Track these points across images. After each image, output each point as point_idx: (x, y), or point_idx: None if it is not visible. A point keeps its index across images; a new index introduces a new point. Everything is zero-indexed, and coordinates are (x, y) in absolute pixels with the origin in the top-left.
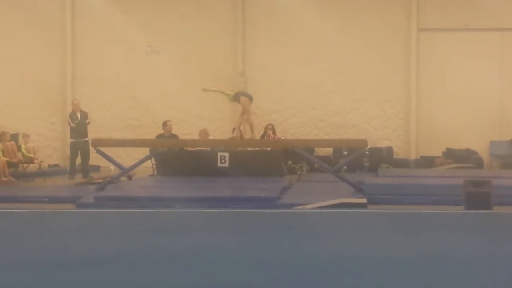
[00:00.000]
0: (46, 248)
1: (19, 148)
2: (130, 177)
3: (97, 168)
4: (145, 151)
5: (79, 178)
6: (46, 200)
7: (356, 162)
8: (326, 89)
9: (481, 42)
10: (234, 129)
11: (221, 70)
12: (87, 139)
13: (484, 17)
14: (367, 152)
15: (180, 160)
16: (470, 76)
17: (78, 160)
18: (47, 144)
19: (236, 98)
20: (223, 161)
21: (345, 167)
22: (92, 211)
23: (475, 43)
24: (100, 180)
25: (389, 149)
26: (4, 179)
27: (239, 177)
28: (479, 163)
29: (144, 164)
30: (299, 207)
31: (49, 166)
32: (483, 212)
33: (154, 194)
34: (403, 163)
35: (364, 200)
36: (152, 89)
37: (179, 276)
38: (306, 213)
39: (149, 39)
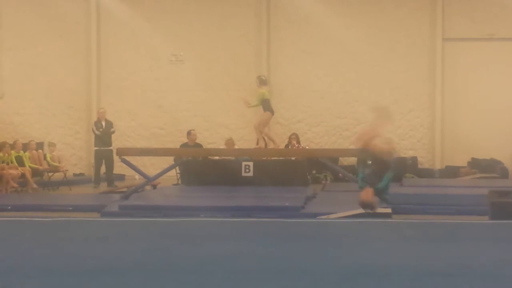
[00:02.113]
0: (71, 257)
1: (44, 157)
2: (154, 186)
3: (121, 177)
4: (170, 160)
5: (103, 186)
6: (71, 208)
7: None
8: (350, 98)
9: (507, 51)
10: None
11: (245, 79)
12: (111, 148)
13: (509, 27)
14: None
15: (205, 169)
16: (495, 86)
17: (103, 168)
18: (73, 153)
19: (265, 104)
20: (247, 170)
21: None
22: (116, 219)
23: (500, 52)
24: (125, 189)
25: (414, 159)
26: (34, 186)
27: (263, 186)
28: (504, 173)
29: (169, 173)
30: (323, 217)
31: (74, 175)
32: (509, 222)
33: (178, 203)
34: (427, 173)
35: (389, 210)
36: (176, 98)
37: (203, 286)
38: (330, 223)
39: (173, 48)
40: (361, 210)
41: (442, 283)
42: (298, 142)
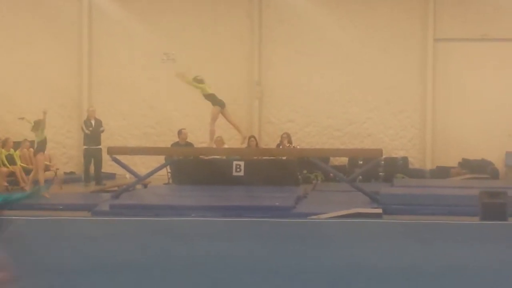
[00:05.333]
0: (61, 255)
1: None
2: (145, 185)
3: (112, 176)
4: (161, 159)
5: (94, 185)
6: (61, 207)
7: (371, 172)
8: (342, 98)
9: (498, 52)
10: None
11: (237, 79)
12: (100, 146)
13: (501, 27)
14: (383, 162)
15: (196, 169)
16: (486, 86)
17: (92, 167)
18: (63, 152)
19: (210, 99)
20: (238, 170)
21: (360, 177)
22: (107, 219)
23: (492, 53)
24: (116, 188)
25: (405, 159)
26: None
27: (254, 186)
28: (494, 174)
29: (159, 172)
30: (314, 217)
31: (65, 173)
32: (499, 223)
33: (169, 203)
34: (418, 173)
35: (379, 210)
36: (168, 97)
37: (193, 284)
38: (321, 223)
39: (165, 47)
40: (352, 210)
41: (432, 283)
42: (290, 142)
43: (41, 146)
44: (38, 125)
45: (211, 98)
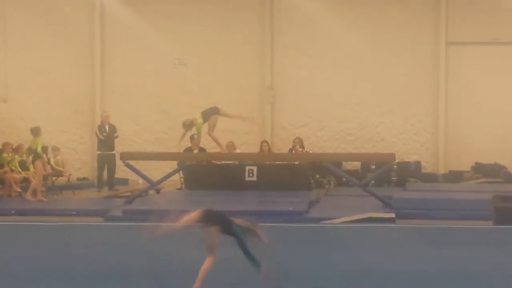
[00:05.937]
0: (75, 261)
1: (48, 161)
2: (158, 191)
3: (125, 181)
4: (173, 164)
5: (106, 190)
6: (74, 213)
7: (384, 176)
8: (354, 103)
9: (511, 55)
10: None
11: (249, 83)
12: (113, 152)
13: None
14: (395, 166)
15: (208, 174)
16: (499, 90)
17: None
18: (76, 158)
19: (206, 117)
20: (251, 174)
21: (373, 181)
22: (120, 224)
23: (504, 56)
24: (128, 194)
25: (417, 163)
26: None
27: (267, 191)
28: (508, 178)
29: (172, 178)
30: (327, 221)
31: (78, 179)
32: None
33: (182, 208)
34: (431, 178)
35: (392, 215)
36: (180, 102)
37: None
38: (334, 227)
39: (177, 51)
40: (365, 215)
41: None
42: (302, 147)
43: (37, 154)
44: (34, 133)
45: (207, 115)
